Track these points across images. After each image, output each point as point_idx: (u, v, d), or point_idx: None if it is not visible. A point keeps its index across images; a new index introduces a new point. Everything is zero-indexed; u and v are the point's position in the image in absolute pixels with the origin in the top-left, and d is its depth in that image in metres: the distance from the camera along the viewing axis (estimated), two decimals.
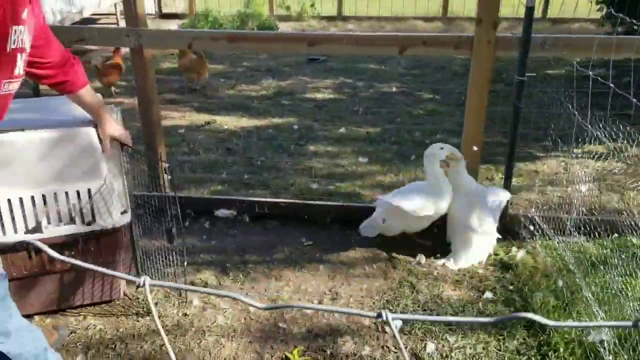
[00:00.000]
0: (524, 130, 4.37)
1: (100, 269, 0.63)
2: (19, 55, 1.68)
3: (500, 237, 3.04)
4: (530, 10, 2.59)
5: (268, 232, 3.32)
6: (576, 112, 2.39)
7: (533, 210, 3.27)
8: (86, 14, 8.10)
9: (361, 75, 6.73)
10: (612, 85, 1.91)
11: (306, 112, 5.41)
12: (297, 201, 3.49)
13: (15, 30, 1.61)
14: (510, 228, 3.18)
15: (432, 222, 3.08)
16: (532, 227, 3.10)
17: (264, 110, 5.44)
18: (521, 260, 2.96)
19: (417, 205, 2.95)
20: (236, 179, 3.98)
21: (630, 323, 0.55)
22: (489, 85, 2.88)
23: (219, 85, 6.34)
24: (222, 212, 3.46)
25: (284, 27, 9.32)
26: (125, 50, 5.48)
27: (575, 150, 3.84)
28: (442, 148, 2.96)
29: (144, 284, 0.60)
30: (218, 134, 4.87)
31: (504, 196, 3.01)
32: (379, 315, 0.55)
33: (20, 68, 1.71)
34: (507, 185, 3.15)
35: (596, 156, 3.70)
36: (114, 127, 2.36)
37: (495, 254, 3.04)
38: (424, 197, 2.97)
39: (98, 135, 2.35)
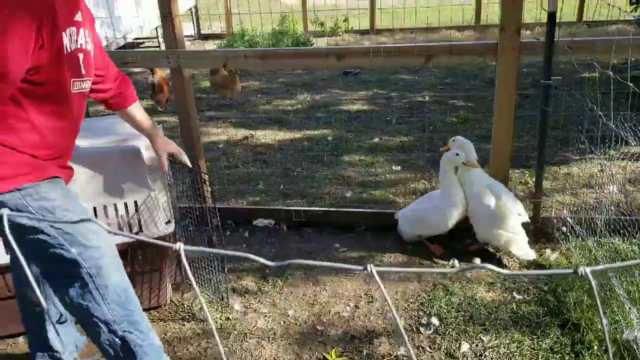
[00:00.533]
0: (560, 133, 4.38)
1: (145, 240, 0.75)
2: (80, 55, 1.85)
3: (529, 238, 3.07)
4: (552, 15, 2.65)
5: (305, 240, 3.45)
6: (600, 114, 2.42)
7: (566, 212, 3.29)
8: (130, 38, 8.48)
9: (394, 86, 6.82)
10: (631, 85, 1.96)
11: (340, 124, 5.54)
12: (332, 209, 3.60)
13: (71, 32, 1.78)
14: (543, 230, 3.21)
15: (445, 230, 3.18)
16: (564, 229, 3.12)
17: (299, 124, 5.59)
18: (555, 262, 2.99)
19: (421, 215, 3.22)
20: (274, 189, 4.13)
21: (570, 271, 0.64)
22: (516, 90, 2.94)
23: (256, 101, 6.54)
24: (260, 222, 3.60)
25: (319, 43, 9.51)
26: (166, 71, 5.77)
27: (611, 152, 3.83)
28: (457, 154, 3.05)
29: (179, 249, 0.72)
30: (256, 147, 5.04)
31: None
32: (365, 268, 0.66)
33: (83, 68, 1.88)
34: (538, 189, 3.18)
35: (631, 157, 3.68)
36: (169, 143, 2.50)
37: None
38: (432, 206, 3.19)
39: (140, 152, 2.53)
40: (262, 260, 0.74)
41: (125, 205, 2.58)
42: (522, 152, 4.29)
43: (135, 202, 2.59)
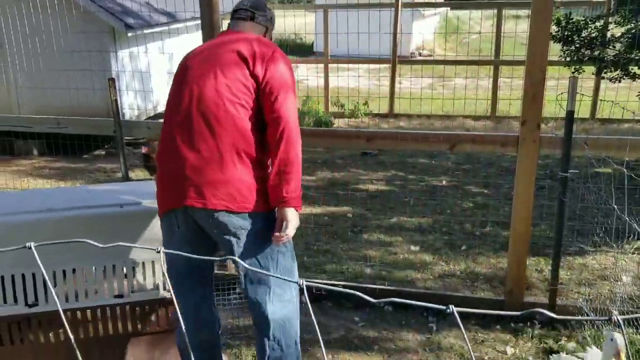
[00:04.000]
0: (576, 224, 4.50)
1: None
2: None
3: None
4: (570, 113, 2.86)
5: (324, 313, 3.52)
6: (615, 207, 2.57)
7: (581, 301, 3.36)
8: (160, 109, 8.90)
9: (411, 169, 7.04)
10: None
11: (359, 202, 5.71)
12: (351, 284, 3.69)
13: None
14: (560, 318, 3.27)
15: None
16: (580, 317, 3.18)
17: (319, 199, 5.77)
18: (571, 350, 3.03)
19: None
20: None
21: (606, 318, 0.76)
22: (534, 180, 3.10)
23: None
24: None
25: (339, 123, 9.88)
26: None
27: (626, 246, 3.93)
28: (612, 339, 2.20)
29: (302, 284, 0.88)
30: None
31: None
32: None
33: None
34: (554, 277, 3.28)
35: None
36: None
37: (545, 343, 3.12)
38: None
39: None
40: (363, 296, 0.86)
41: (131, 265, 2.69)
42: (538, 240, 4.39)
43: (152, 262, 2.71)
